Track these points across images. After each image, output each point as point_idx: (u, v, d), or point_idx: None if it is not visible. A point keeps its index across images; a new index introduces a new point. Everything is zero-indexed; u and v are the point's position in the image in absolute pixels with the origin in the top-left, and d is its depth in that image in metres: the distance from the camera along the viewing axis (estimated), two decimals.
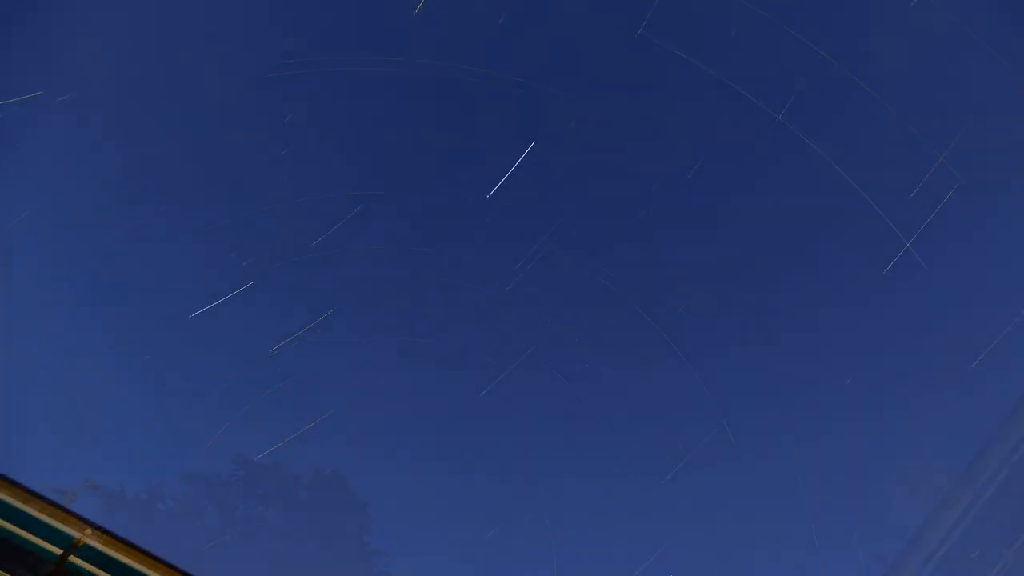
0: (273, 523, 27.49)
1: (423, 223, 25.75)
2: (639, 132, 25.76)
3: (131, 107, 22.46)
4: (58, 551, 7.12)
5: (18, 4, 18.62)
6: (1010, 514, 17.72)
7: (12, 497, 6.79)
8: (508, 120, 25.52)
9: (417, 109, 25.51)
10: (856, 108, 24.23)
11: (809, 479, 25.57)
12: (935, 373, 24.41)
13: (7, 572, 7.06)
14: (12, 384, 20.34)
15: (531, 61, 25.72)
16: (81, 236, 22.27)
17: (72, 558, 7.11)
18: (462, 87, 25.64)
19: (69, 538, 6.99)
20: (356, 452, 25.88)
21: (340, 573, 25.71)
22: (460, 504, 25.88)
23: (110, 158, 22.38)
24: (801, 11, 23.91)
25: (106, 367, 22.90)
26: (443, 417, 26.42)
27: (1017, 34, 20.03)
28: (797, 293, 25.88)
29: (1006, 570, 17.68)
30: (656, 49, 24.46)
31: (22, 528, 7.02)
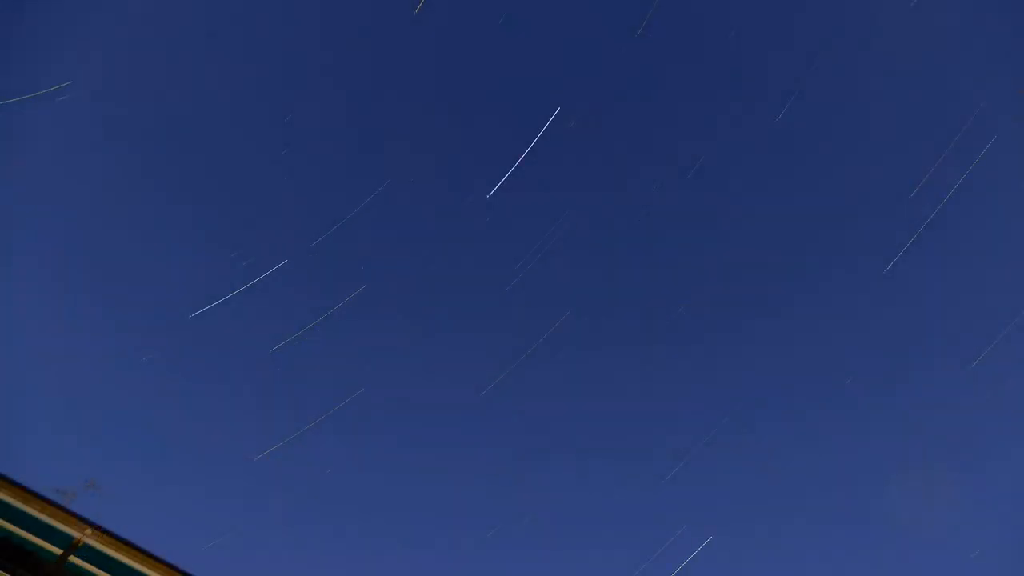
0: (274, 523, 27.50)
1: (422, 223, 25.79)
2: (639, 132, 25.79)
3: (131, 106, 22.50)
4: (58, 551, 7.11)
5: (18, 3, 18.64)
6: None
7: (12, 497, 6.77)
8: (508, 120, 25.55)
9: (417, 109, 25.55)
10: (856, 108, 24.27)
11: (809, 478, 25.61)
12: (935, 373, 24.43)
13: (7, 572, 7.04)
14: (12, 384, 20.33)
15: (531, 61, 25.77)
16: (81, 236, 22.30)
17: (72, 558, 7.10)
18: (462, 87, 25.69)
19: (69, 538, 6.97)
20: (355, 452, 25.91)
21: (340, 573, 25.70)
22: (460, 504, 25.92)
23: (110, 158, 22.43)
24: (801, 12, 23.95)
25: (106, 367, 22.91)
26: (443, 417, 26.47)
27: (1017, 34, 20.05)
28: (797, 293, 25.90)
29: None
30: (656, 49, 24.52)
31: (22, 528, 7.02)
